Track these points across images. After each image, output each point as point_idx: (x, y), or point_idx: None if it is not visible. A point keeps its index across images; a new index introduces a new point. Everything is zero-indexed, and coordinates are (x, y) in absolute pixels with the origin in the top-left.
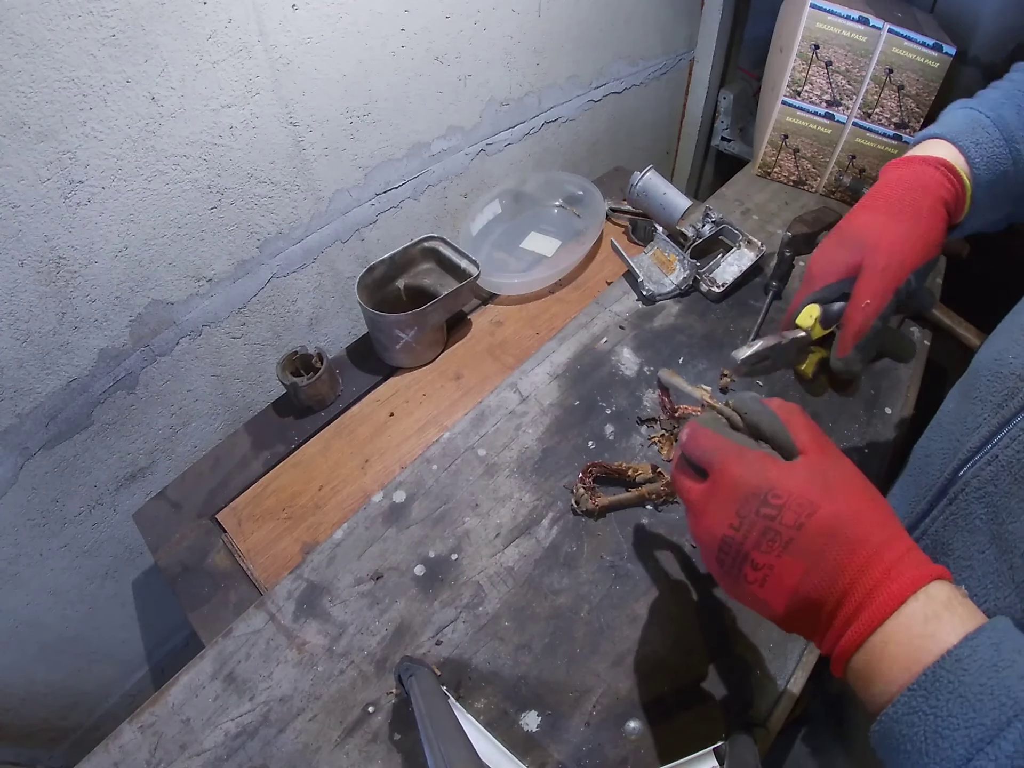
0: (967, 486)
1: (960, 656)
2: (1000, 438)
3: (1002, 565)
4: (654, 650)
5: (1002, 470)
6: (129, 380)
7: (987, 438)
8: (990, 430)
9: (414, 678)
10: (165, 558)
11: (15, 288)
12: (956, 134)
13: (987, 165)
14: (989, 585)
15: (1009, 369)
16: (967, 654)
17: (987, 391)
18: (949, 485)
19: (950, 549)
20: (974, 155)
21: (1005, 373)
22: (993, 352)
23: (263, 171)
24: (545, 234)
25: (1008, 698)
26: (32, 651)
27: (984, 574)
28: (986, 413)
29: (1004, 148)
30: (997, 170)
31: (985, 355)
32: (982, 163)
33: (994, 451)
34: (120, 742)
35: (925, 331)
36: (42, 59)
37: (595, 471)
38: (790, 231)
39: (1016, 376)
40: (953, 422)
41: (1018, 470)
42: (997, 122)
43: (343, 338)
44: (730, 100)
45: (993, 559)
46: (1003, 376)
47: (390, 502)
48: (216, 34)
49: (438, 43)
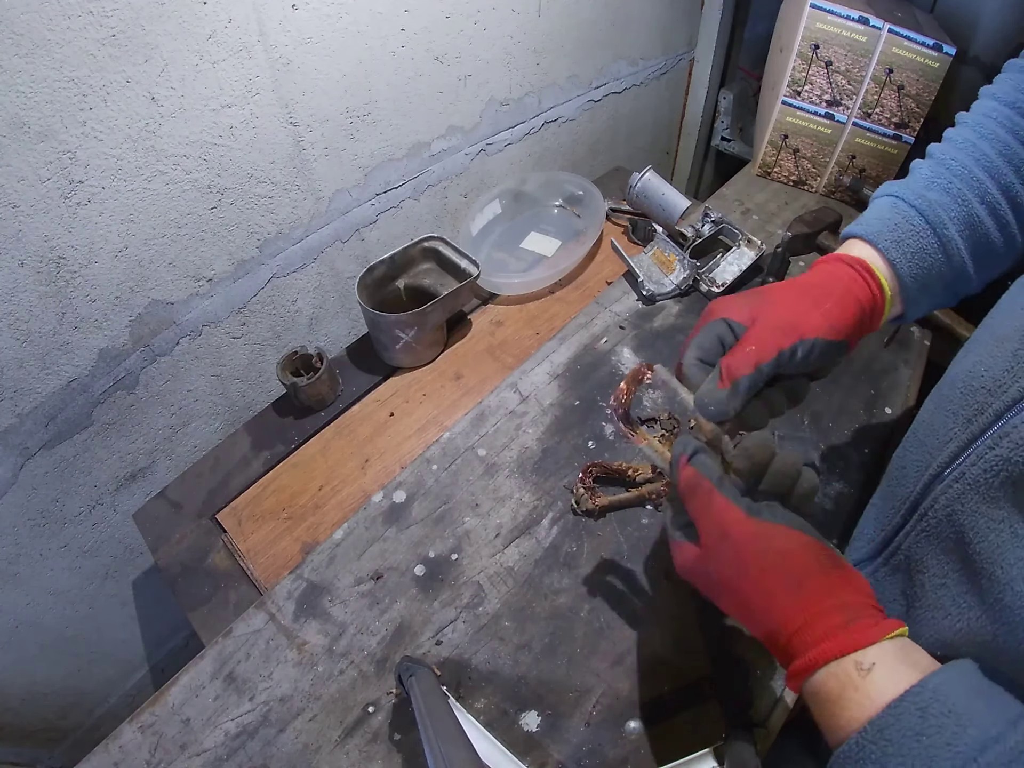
0: (935, 503)
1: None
2: (968, 455)
3: (972, 586)
4: (654, 650)
5: (969, 488)
6: (129, 380)
7: (956, 454)
8: (959, 445)
9: (414, 678)
10: (165, 558)
11: (15, 288)
12: (876, 234)
13: (912, 261)
14: (963, 605)
15: (980, 383)
16: (890, 723)
17: (959, 404)
18: (920, 500)
19: (924, 566)
20: (895, 256)
21: (976, 386)
22: (967, 363)
23: (263, 171)
24: (545, 234)
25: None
26: (32, 651)
27: (958, 593)
28: (956, 427)
29: (931, 238)
30: (924, 264)
31: (960, 366)
32: (905, 261)
33: (961, 468)
34: (120, 742)
35: (925, 331)
36: (42, 59)
37: (595, 471)
38: (790, 231)
39: (986, 390)
40: (926, 433)
41: (985, 490)
42: (923, 211)
43: (343, 338)
44: (730, 100)
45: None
46: (974, 389)
47: (390, 502)
48: (216, 34)
49: (438, 43)
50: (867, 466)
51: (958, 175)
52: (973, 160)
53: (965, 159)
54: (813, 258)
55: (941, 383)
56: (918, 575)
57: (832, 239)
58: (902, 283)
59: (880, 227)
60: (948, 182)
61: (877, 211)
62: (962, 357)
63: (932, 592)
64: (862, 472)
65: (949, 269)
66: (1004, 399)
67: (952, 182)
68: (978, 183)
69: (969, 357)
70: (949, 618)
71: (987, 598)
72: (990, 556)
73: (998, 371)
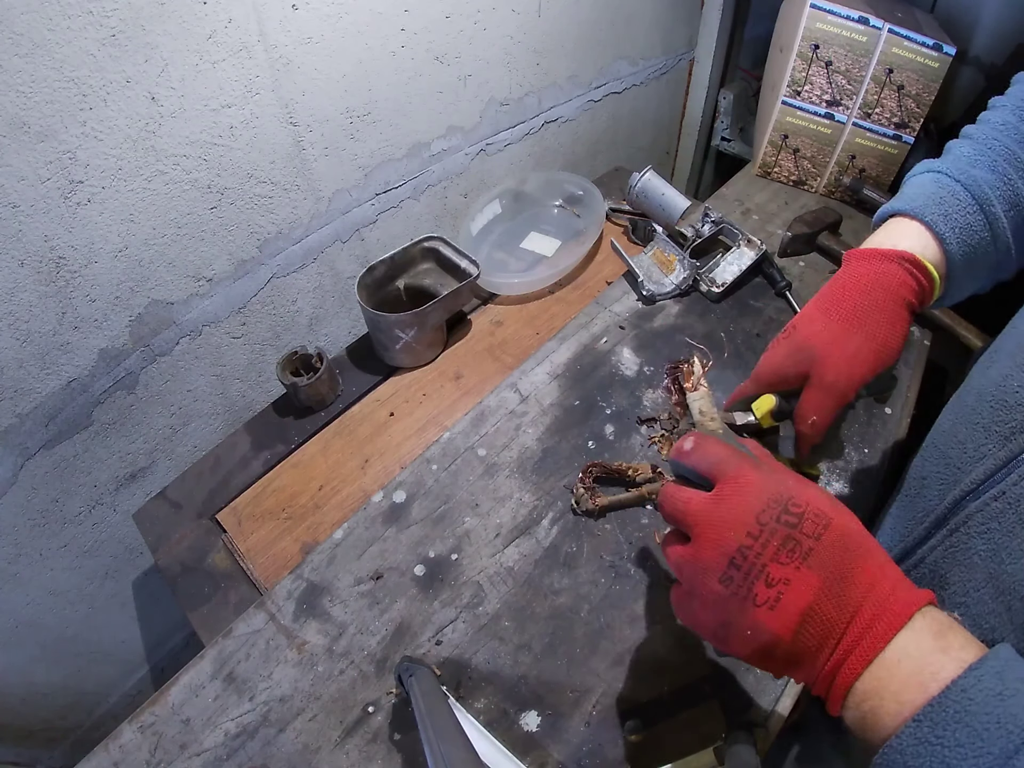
0: (970, 519)
1: (965, 686)
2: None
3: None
4: (654, 650)
5: (1008, 507)
6: (129, 380)
7: (992, 471)
8: (996, 463)
9: (414, 678)
10: (165, 558)
11: (15, 288)
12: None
13: (960, 238)
14: (985, 626)
15: (1015, 399)
16: (972, 684)
17: (991, 419)
18: (950, 515)
19: (947, 583)
20: (943, 229)
21: (1011, 403)
22: (996, 377)
23: (263, 171)
24: (545, 234)
25: (1015, 726)
26: (32, 651)
27: (979, 613)
28: (991, 444)
29: (978, 215)
30: (972, 241)
31: (988, 378)
32: (953, 237)
33: (1001, 487)
34: (120, 742)
35: (925, 331)
36: (42, 59)
37: (595, 471)
38: (790, 231)
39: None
40: (951, 446)
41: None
42: (969, 186)
43: (343, 338)
44: (730, 100)
45: (989, 599)
46: (1009, 406)
47: (390, 502)
48: (216, 34)
49: (438, 43)
50: (867, 466)
51: (1002, 155)
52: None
53: (1007, 140)
54: (813, 258)
55: (963, 394)
56: (939, 591)
57: (832, 239)
58: (950, 260)
59: (925, 201)
60: (992, 161)
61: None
62: (986, 368)
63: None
64: (862, 472)
65: (995, 249)
66: None
67: (996, 161)
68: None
69: (996, 369)
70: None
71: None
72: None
73: None
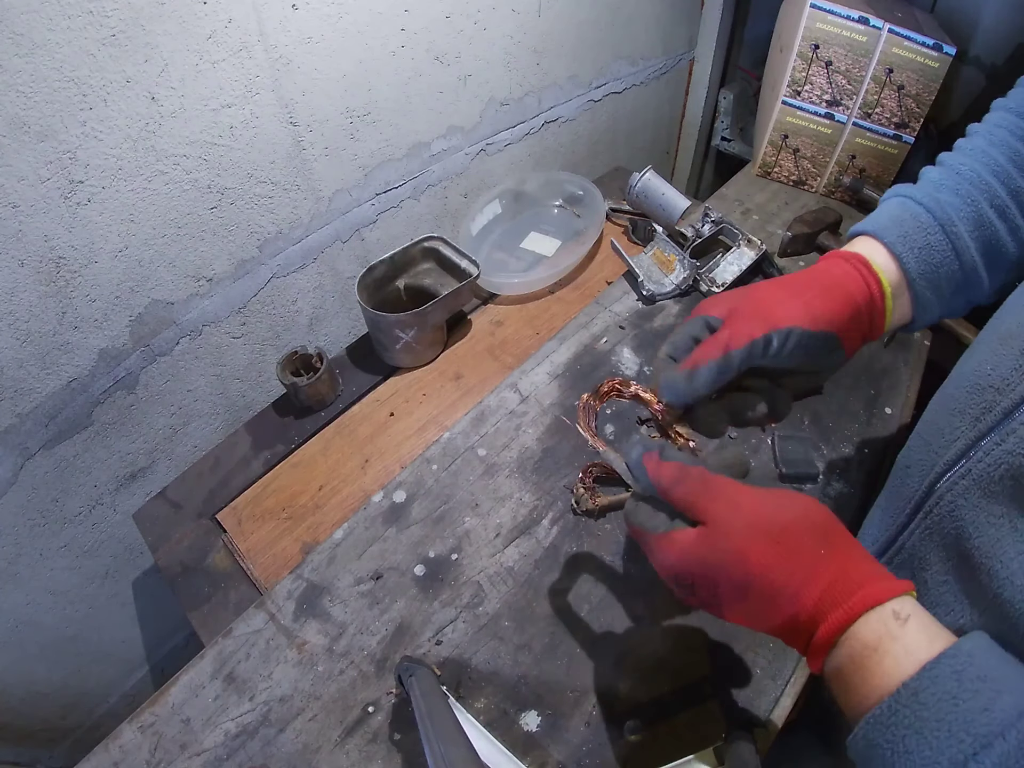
0: (941, 500)
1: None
2: (975, 452)
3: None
4: (654, 650)
5: (973, 484)
6: (129, 380)
7: (963, 452)
8: (966, 443)
9: (414, 678)
10: (165, 558)
11: (15, 288)
12: (881, 229)
13: (919, 257)
14: (965, 601)
15: (987, 381)
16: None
17: (966, 403)
18: (925, 498)
19: (928, 564)
20: (901, 250)
21: (983, 385)
22: (973, 363)
23: (263, 171)
24: (545, 234)
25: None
26: (32, 651)
27: (959, 590)
28: (964, 426)
29: (939, 235)
30: (933, 260)
31: (966, 366)
32: (911, 256)
33: (968, 465)
34: (120, 742)
35: (925, 331)
36: (42, 59)
37: (595, 471)
38: (790, 231)
39: (994, 389)
40: (931, 433)
41: (987, 484)
42: (931, 208)
43: (343, 338)
44: (730, 100)
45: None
46: (981, 388)
47: (390, 502)
48: (216, 34)
49: (438, 43)
50: (867, 466)
51: (967, 179)
52: (983, 165)
53: (975, 164)
54: (813, 258)
55: (946, 383)
56: (921, 573)
57: (832, 239)
58: (910, 280)
59: (886, 222)
60: (957, 184)
61: (885, 210)
62: (967, 357)
63: (935, 589)
64: (862, 472)
65: (960, 269)
66: (1012, 396)
67: (961, 184)
68: (987, 186)
69: (974, 357)
70: (952, 614)
71: (987, 594)
72: (990, 551)
73: (1005, 369)
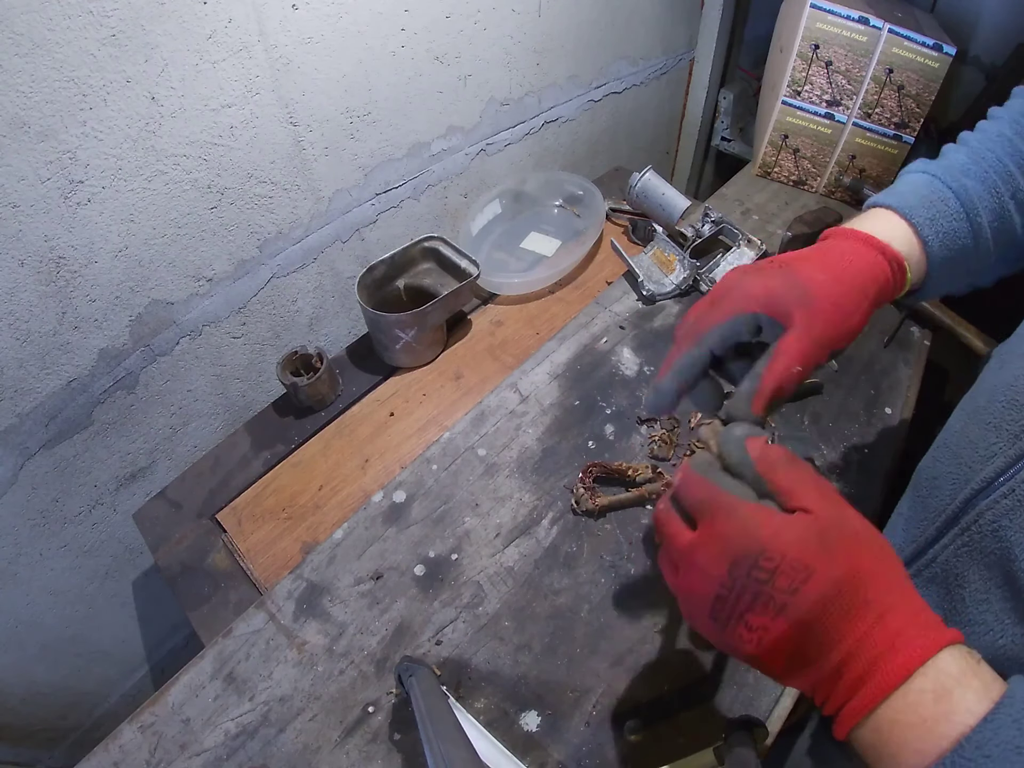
0: (981, 517)
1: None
2: (1018, 471)
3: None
4: (654, 650)
5: (1018, 504)
6: (129, 380)
7: (1003, 469)
8: (1006, 461)
9: (414, 678)
10: (165, 558)
11: (15, 288)
12: (910, 208)
13: (942, 243)
14: (1007, 622)
15: None
16: (988, 738)
17: (1002, 418)
18: (961, 513)
19: (966, 581)
20: (928, 233)
21: (1021, 403)
22: (1008, 377)
23: (263, 171)
24: (545, 234)
25: None
26: (32, 651)
27: (1001, 610)
28: (1002, 442)
29: (964, 223)
30: (954, 247)
31: (1000, 378)
32: (936, 241)
33: (1011, 484)
34: (120, 742)
35: (925, 331)
36: (42, 59)
37: (595, 471)
38: (790, 231)
39: None
40: (962, 445)
41: None
42: (959, 194)
43: (343, 338)
44: (730, 100)
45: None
46: (1019, 406)
47: (390, 502)
48: (216, 34)
49: (438, 43)
50: (867, 466)
51: (993, 167)
52: (1007, 155)
53: (1000, 153)
54: None
55: (975, 394)
56: (958, 589)
57: None
58: (930, 263)
59: (915, 202)
60: (984, 172)
61: (911, 185)
62: (998, 368)
63: (973, 607)
64: (863, 472)
65: (975, 257)
66: None
67: (988, 173)
68: (1011, 178)
69: (1008, 370)
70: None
71: None
72: None
73: None
